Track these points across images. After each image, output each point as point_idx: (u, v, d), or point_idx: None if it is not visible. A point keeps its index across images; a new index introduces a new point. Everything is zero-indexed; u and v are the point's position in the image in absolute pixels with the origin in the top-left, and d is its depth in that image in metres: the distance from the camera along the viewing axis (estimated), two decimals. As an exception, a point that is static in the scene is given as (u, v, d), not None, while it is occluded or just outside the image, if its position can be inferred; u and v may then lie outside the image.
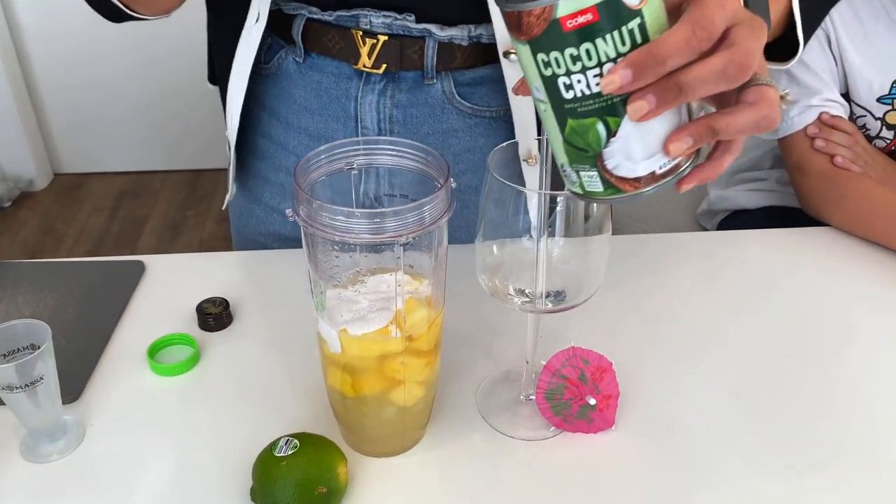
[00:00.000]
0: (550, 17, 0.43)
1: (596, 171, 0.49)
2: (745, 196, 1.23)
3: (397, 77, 0.82)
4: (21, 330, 0.63)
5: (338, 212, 0.53)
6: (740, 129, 0.48)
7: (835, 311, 0.84)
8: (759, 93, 0.49)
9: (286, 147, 0.91)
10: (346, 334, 0.59)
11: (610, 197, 0.51)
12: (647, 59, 0.44)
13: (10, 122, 2.76)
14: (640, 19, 0.44)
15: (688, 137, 0.47)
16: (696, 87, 0.45)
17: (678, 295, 0.86)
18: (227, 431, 0.68)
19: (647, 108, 0.45)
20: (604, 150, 0.48)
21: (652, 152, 0.48)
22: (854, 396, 0.73)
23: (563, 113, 0.48)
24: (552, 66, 0.46)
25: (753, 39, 0.46)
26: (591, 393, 0.66)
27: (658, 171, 0.49)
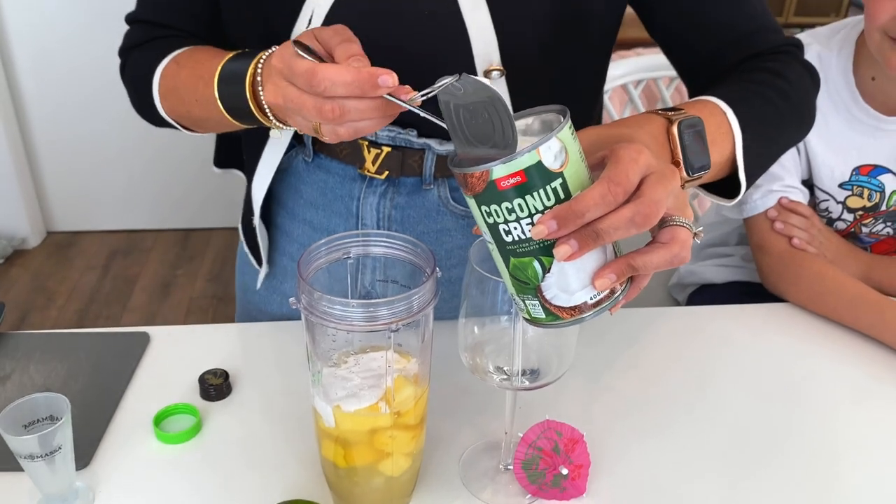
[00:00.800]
0: (488, 178, 0.54)
1: (537, 300, 0.59)
2: (713, 271, 1.31)
3: (398, 182, 0.89)
4: (41, 402, 0.68)
5: (336, 302, 0.59)
6: (655, 266, 0.57)
7: (796, 380, 0.91)
8: (672, 233, 0.58)
9: (289, 235, 0.98)
10: (340, 410, 0.65)
11: (552, 323, 0.60)
12: (568, 213, 0.53)
13: (7, 179, 2.81)
14: (562, 179, 0.54)
15: (611, 274, 0.57)
16: (610, 234, 0.54)
17: (647, 368, 0.92)
18: (227, 498, 0.73)
19: (571, 251, 0.54)
20: (542, 283, 0.58)
21: (583, 285, 0.57)
22: (817, 462, 0.79)
23: (505, 252, 0.58)
24: (493, 216, 0.56)
25: (661, 188, 0.55)
26: (564, 463, 0.72)
27: (590, 301, 0.58)
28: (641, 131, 0.66)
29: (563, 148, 0.53)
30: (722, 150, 0.73)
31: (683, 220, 0.58)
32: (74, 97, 2.81)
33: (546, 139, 0.53)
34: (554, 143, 0.53)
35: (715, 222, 1.35)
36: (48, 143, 2.92)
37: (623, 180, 0.54)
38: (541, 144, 0.53)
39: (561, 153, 0.53)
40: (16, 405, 0.67)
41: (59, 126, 2.88)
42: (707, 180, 0.73)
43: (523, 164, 0.53)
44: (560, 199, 0.54)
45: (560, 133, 0.53)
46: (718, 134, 0.72)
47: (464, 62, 0.79)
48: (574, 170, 0.54)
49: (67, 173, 2.97)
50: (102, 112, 2.82)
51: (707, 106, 0.73)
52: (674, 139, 0.67)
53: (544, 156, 0.53)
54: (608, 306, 0.59)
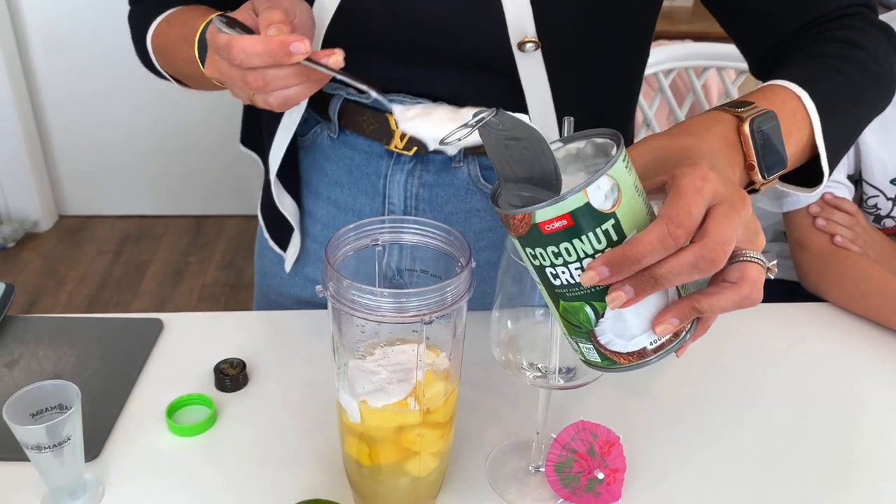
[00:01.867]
0: (531, 221, 0.48)
1: (592, 344, 0.54)
2: None
3: (426, 159, 0.85)
4: (50, 390, 0.65)
5: (365, 291, 0.55)
6: (722, 308, 0.52)
7: (836, 386, 0.86)
8: (741, 271, 0.52)
9: (313, 215, 0.94)
10: (366, 405, 0.61)
11: (608, 367, 0.55)
12: (623, 259, 0.48)
13: (19, 163, 2.80)
14: (614, 220, 0.48)
15: (673, 319, 0.51)
16: (670, 279, 0.49)
17: (681, 370, 0.88)
18: (242, 494, 0.70)
19: (625, 298, 0.49)
20: (595, 328, 0.53)
21: (642, 330, 0.52)
22: (860, 468, 0.75)
23: (555, 295, 0.53)
24: (539, 259, 0.51)
25: (729, 225, 0.49)
26: (600, 467, 0.68)
27: (650, 346, 0.53)
28: (709, 136, 0.59)
29: (614, 185, 0.47)
30: (799, 139, 0.66)
31: (755, 255, 0.52)
32: (89, 81, 2.79)
33: (595, 178, 0.47)
34: (604, 181, 0.47)
35: None
36: (61, 127, 2.90)
37: (685, 220, 0.48)
38: (589, 184, 0.47)
39: (613, 191, 0.47)
40: (23, 393, 0.63)
41: (72, 110, 2.86)
42: (785, 171, 0.67)
43: (569, 206, 0.47)
44: (613, 241, 0.49)
45: (612, 168, 0.47)
46: (794, 123, 0.65)
47: (497, 34, 0.75)
48: (629, 208, 0.48)
49: (80, 157, 2.95)
50: (117, 97, 2.80)
51: (779, 93, 0.66)
52: (746, 140, 0.60)
53: (593, 196, 0.47)
54: (672, 350, 0.54)
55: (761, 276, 0.52)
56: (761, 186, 0.62)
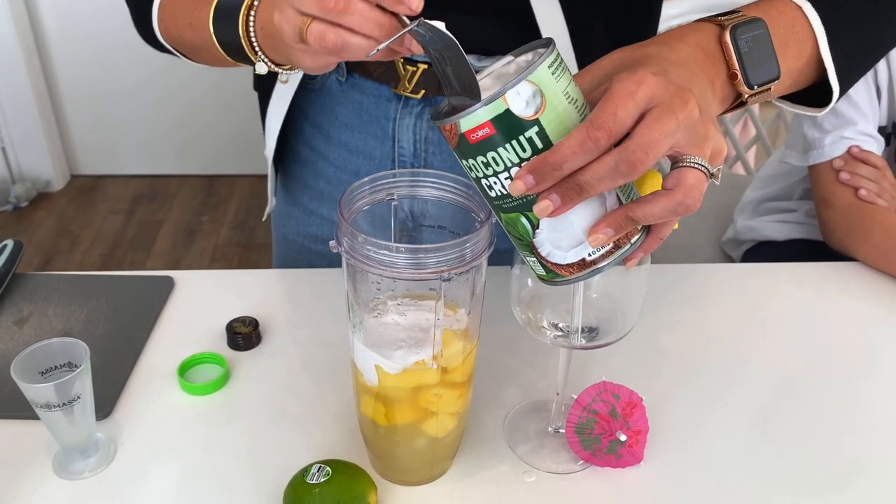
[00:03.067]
0: (458, 131, 0.48)
1: (535, 257, 0.53)
2: (773, 227, 1.22)
3: (434, 101, 0.84)
4: (58, 348, 0.63)
5: (381, 246, 0.53)
6: (657, 216, 0.49)
7: (864, 347, 0.84)
8: (678, 177, 0.49)
9: (326, 158, 0.93)
10: (382, 364, 0.59)
11: (553, 280, 0.54)
12: (544, 166, 0.47)
13: (31, 123, 2.78)
14: (538, 127, 0.47)
15: (606, 228, 0.50)
16: (594, 185, 0.47)
17: (707, 329, 0.86)
18: (257, 454, 0.69)
19: (553, 207, 0.48)
20: (534, 240, 0.52)
21: (578, 241, 0.51)
22: (886, 429, 0.73)
23: (494, 207, 0.52)
24: (473, 171, 0.50)
25: (659, 127, 0.47)
26: (622, 428, 0.67)
27: (588, 258, 0.52)
28: (680, 45, 0.56)
29: (536, 91, 0.46)
30: (799, 51, 0.62)
31: (695, 160, 0.50)
32: (99, 40, 2.75)
33: (514, 83, 0.45)
34: (524, 87, 0.46)
35: (776, 174, 1.26)
36: (73, 87, 2.87)
37: (607, 122, 0.46)
38: (507, 90, 0.46)
39: (535, 97, 0.46)
40: (30, 350, 0.62)
41: (83, 70, 2.83)
42: (789, 90, 0.64)
43: (490, 113, 0.46)
44: (538, 149, 0.47)
45: (533, 74, 0.46)
46: (791, 34, 0.62)
47: None
48: (554, 115, 0.47)
49: (92, 117, 2.93)
50: (128, 56, 2.76)
51: (774, 3, 0.62)
52: (727, 48, 0.57)
53: (513, 103, 0.46)
54: (616, 261, 0.52)
55: (700, 182, 0.49)
56: (749, 98, 0.59)
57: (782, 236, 1.21)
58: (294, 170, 0.97)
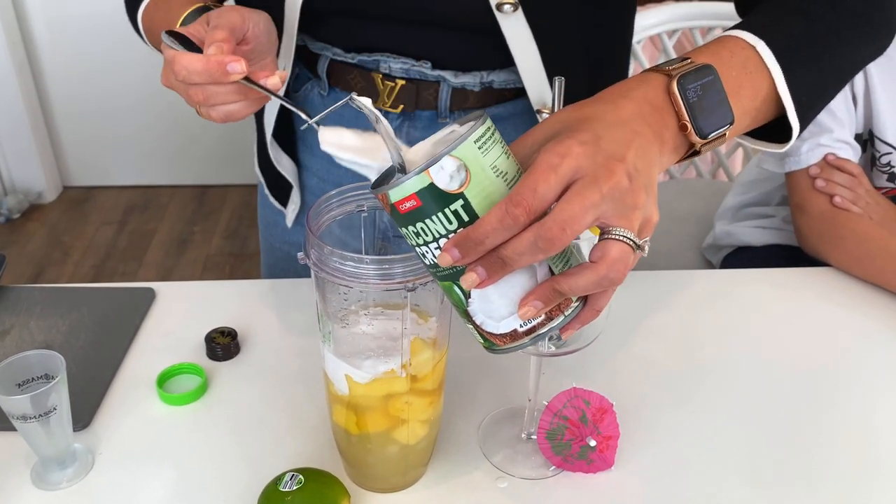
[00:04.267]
0: (389, 201, 0.49)
1: (472, 325, 0.54)
2: (751, 233, 1.24)
3: (413, 116, 0.85)
4: (35, 360, 0.64)
5: (347, 258, 0.54)
6: (582, 289, 0.50)
7: (837, 350, 0.85)
8: (603, 249, 0.49)
9: (309, 169, 0.95)
10: (352, 374, 0.60)
11: (490, 348, 0.55)
12: (467, 241, 0.47)
13: (23, 134, 2.79)
14: (463, 200, 0.48)
15: (535, 301, 0.50)
16: (516, 260, 0.48)
17: (677, 335, 0.87)
18: (232, 463, 0.69)
19: (479, 279, 0.49)
20: (468, 308, 0.52)
21: (509, 312, 0.52)
22: (859, 432, 0.74)
23: (431, 274, 0.53)
24: (407, 238, 0.51)
25: (579, 201, 0.46)
26: (592, 434, 0.68)
27: (520, 329, 0.52)
28: (624, 102, 0.54)
29: (461, 165, 0.47)
30: (755, 92, 0.61)
31: (621, 232, 0.49)
32: (91, 52, 2.76)
33: (437, 159, 0.46)
34: (448, 161, 0.46)
35: (756, 180, 1.27)
36: (65, 99, 2.88)
37: (526, 198, 0.46)
38: (431, 165, 0.46)
39: (459, 172, 0.47)
40: (7, 363, 0.63)
41: (75, 81, 2.83)
42: (748, 128, 0.63)
43: (414, 186, 0.47)
44: (464, 221, 0.48)
45: (457, 149, 0.46)
46: (744, 75, 0.60)
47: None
48: (479, 188, 0.47)
49: (84, 128, 2.94)
50: (119, 67, 2.77)
51: (727, 45, 0.61)
52: (676, 99, 0.55)
53: (436, 177, 0.47)
54: (550, 331, 0.52)
55: (624, 255, 0.49)
56: (703, 147, 0.57)
57: (760, 241, 1.22)
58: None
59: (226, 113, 0.67)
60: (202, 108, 0.68)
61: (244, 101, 0.67)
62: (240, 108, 0.68)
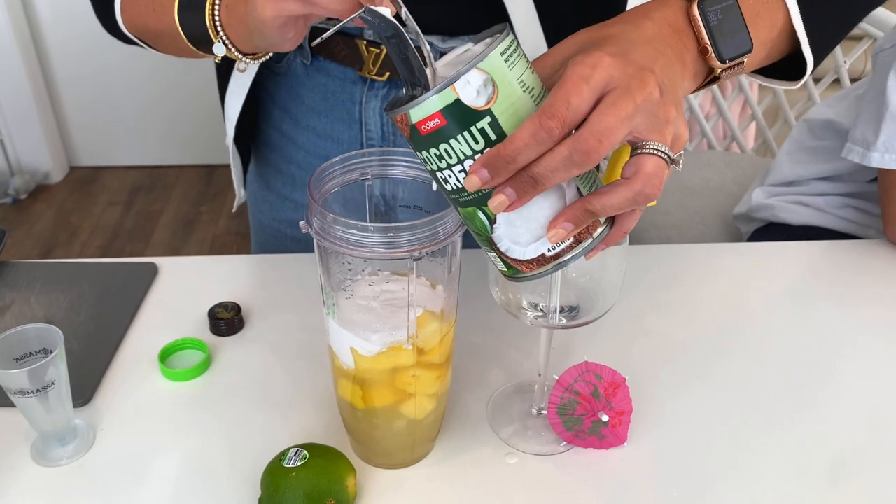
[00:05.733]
0: (409, 122, 0.46)
1: (495, 252, 0.51)
2: (790, 209, 1.16)
3: (400, 83, 0.83)
4: (33, 334, 0.63)
5: (351, 226, 0.52)
6: (616, 208, 0.48)
7: (859, 329, 0.83)
8: (637, 164, 0.47)
9: (295, 142, 0.93)
10: (357, 347, 0.58)
11: (514, 276, 0.52)
12: (497, 159, 0.45)
13: (29, 115, 2.77)
14: (490, 117, 0.45)
15: (565, 223, 0.48)
16: (548, 177, 0.45)
17: (693, 309, 0.85)
18: (236, 439, 0.68)
19: (508, 202, 0.46)
20: (492, 234, 0.50)
21: (536, 237, 0.49)
22: (877, 415, 0.72)
23: (452, 201, 0.50)
24: (428, 163, 0.48)
25: (615, 112, 0.44)
26: (604, 409, 0.66)
27: (548, 254, 0.50)
28: (646, 22, 0.54)
29: (488, 80, 0.44)
30: (771, 23, 0.60)
31: (655, 146, 0.47)
32: (96, 30, 2.72)
33: (463, 72, 0.44)
34: (474, 75, 0.44)
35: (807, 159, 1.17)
36: (70, 79, 2.86)
37: (560, 110, 0.44)
38: (457, 79, 0.44)
39: (486, 86, 0.44)
40: (4, 337, 0.61)
41: (80, 61, 2.82)
42: (763, 63, 0.61)
43: (439, 104, 0.44)
44: (491, 140, 0.46)
45: (484, 62, 0.44)
46: (761, 4, 0.59)
47: None
48: (508, 104, 0.45)
49: (90, 109, 2.92)
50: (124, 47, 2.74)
51: None
52: (696, 22, 0.55)
53: (462, 92, 0.44)
54: (578, 255, 0.50)
55: (659, 169, 0.47)
56: (722, 73, 0.57)
57: (798, 221, 1.15)
58: (266, 154, 0.97)
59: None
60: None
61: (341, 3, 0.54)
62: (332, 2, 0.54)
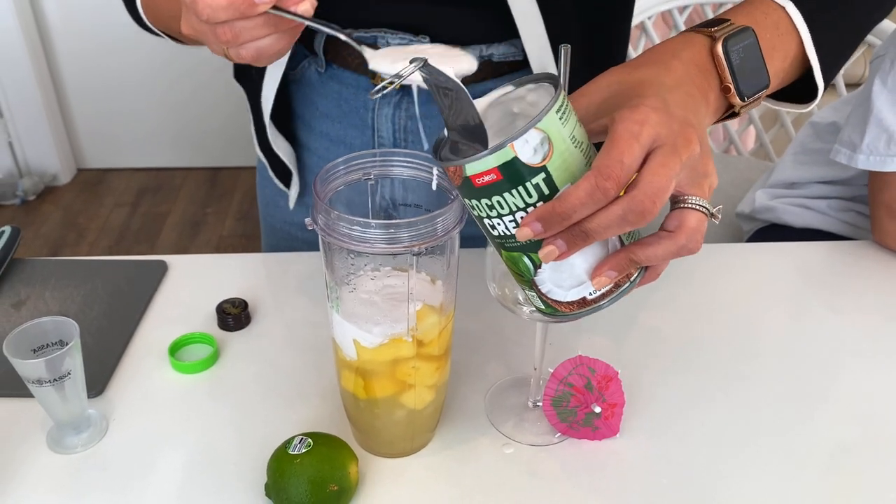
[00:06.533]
0: (462, 174, 0.48)
1: (535, 293, 0.54)
2: (792, 212, 1.18)
3: (412, 92, 0.85)
4: (50, 326, 0.65)
5: (354, 222, 0.55)
6: (659, 259, 0.50)
7: (847, 326, 0.85)
8: (680, 219, 0.50)
9: (308, 147, 0.95)
10: (360, 339, 0.61)
11: (553, 314, 0.55)
12: (552, 215, 0.47)
13: (37, 118, 2.81)
14: (545, 174, 0.47)
15: (610, 271, 0.51)
16: (600, 233, 0.48)
17: (687, 307, 0.87)
18: (243, 428, 0.71)
19: (558, 253, 0.49)
20: (535, 278, 0.52)
21: (579, 281, 0.52)
22: (872, 413, 0.74)
23: (496, 245, 0.53)
24: (476, 210, 0.50)
25: (664, 173, 0.46)
26: (597, 401, 0.68)
27: (589, 297, 0.53)
28: (675, 63, 0.55)
29: (544, 138, 0.46)
30: (785, 54, 0.62)
31: (696, 201, 0.50)
32: (103, 35, 2.78)
33: (523, 132, 0.46)
34: (533, 135, 0.46)
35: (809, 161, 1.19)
36: (78, 81, 2.90)
37: (615, 170, 0.46)
38: (517, 139, 0.46)
39: (543, 145, 0.46)
40: (22, 329, 0.64)
41: (88, 64, 2.85)
42: (775, 90, 0.64)
43: (497, 161, 0.46)
44: (545, 194, 0.48)
45: (542, 122, 0.46)
46: (777, 37, 0.62)
47: None
48: (561, 160, 0.47)
49: (97, 111, 2.96)
50: (132, 50, 2.79)
51: (758, 6, 0.62)
52: (720, 62, 0.57)
53: (521, 151, 0.46)
54: (617, 298, 0.53)
55: (701, 224, 0.50)
56: (741, 109, 0.59)
57: (800, 223, 1.17)
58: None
59: (257, 49, 0.61)
60: (231, 50, 0.62)
61: (275, 35, 0.61)
62: (271, 43, 0.61)
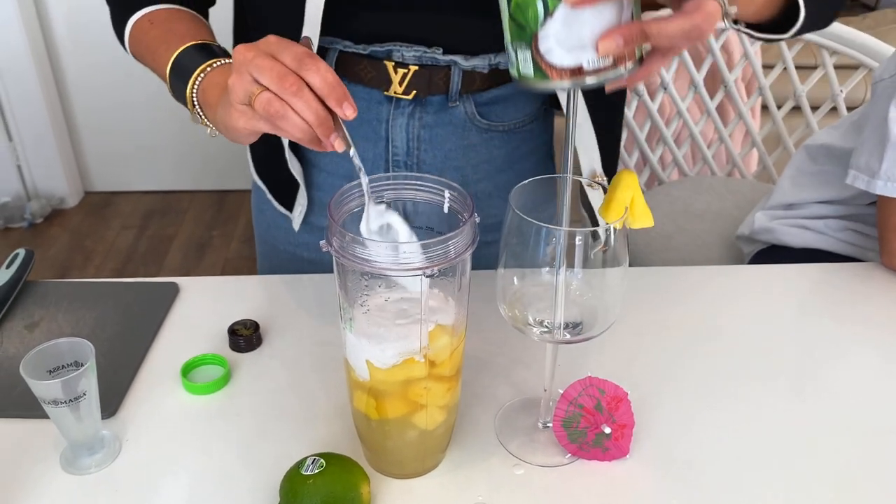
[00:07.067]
0: None
1: (530, 52, 0.54)
2: (791, 232, 1.18)
3: (424, 101, 0.88)
4: (66, 348, 0.66)
5: (368, 245, 0.56)
6: (671, 35, 0.52)
7: (854, 346, 0.86)
8: (698, 3, 0.52)
9: (317, 165, 0.96)
10: (372, 360, 0.62)
11: (539, 82, 0.55)
12: None
13: (45, 141, 2.84)
14: None
15: (619, 37, 0.51)
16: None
17: (694, 328, 0.88)
18: (255, 449, 0.71)
19: None
20: (539, 30, 0.52)
21: (583, 43, 0.52)
22: (875, 431, 0.74)
23: None
24: None
25: None
26: (607, 422, 0.69)
27: (586, 67, 0.53)
28: None
29: None
30: None
31: None
32: (112, 59, 2.80)
33: None
34: None
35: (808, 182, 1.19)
36: (86, 105, 2.92)
37: None
38: None
39: None
40: (39, 350, 0.65)
41: (96, 87, 2.88)
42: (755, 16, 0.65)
43: None
44: None
45: None
46: None
47: None
48: None
49: (105, 135, 2.98)
50: (140, 74, 2.76)
51: None
52: None
53: None
54: (606, 79, 0.53)
55: (717, 11, 0.52)
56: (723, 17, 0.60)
57: (800, 243, 1.17)
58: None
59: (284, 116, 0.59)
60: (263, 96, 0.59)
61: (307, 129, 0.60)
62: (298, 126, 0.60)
